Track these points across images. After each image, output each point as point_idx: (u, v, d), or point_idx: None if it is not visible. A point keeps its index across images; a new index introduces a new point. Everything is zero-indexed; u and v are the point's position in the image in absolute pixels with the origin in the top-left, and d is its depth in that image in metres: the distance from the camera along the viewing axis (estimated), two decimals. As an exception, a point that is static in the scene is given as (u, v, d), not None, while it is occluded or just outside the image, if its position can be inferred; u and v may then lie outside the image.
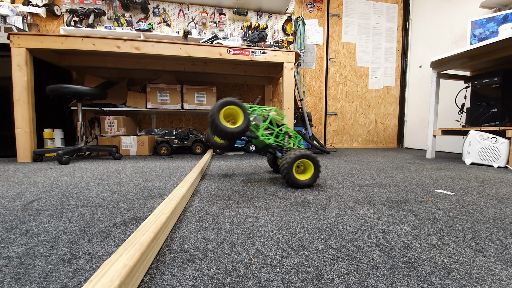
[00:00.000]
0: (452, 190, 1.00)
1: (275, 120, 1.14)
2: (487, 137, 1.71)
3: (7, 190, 0.96)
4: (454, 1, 2.75)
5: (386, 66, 3.50)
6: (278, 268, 0.43)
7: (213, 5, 2.88)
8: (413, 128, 3.40)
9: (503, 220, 0.67)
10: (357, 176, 1.29)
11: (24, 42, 1.75)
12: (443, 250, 0.50)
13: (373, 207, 0.78)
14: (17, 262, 0.44)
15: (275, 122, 1.14)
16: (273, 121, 1.13)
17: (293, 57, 2.13)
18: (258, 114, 1.11)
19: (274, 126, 1.13)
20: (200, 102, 2.51)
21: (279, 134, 1.15)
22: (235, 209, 0.75)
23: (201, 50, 1.99)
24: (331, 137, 3.43)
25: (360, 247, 0.51)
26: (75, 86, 1.74)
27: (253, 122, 1.09)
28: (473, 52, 1.80)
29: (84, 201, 0.82)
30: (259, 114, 1.11)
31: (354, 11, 3.34)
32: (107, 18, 2.69)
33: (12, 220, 0.64)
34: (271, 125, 1.13)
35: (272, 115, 1.13)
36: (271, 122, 1.13)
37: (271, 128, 1.13)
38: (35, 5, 2.45)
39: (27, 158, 1.78)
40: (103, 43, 1.84)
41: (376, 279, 0.40)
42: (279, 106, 3.21)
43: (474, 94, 2.01)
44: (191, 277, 0.41)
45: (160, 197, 0.88)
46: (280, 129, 1.15)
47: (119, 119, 2.34)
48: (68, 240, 0.53)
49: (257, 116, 1.09)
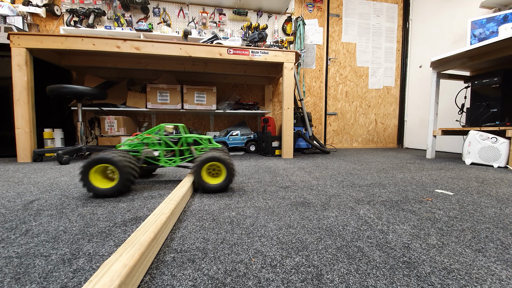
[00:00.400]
0: (452, 190, 1.00)
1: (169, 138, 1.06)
2: (487, 137, 1.71)
3: (7, 190, 0.96)
4: (454, 1, 2.75)
5: (386, 66, 3.50)
6: (278, 268, 0.43)
7: (213, 5, 2.88)
8: (413, 128, 3.40)
9: (503, 220, 0.67)
10: (357, 176, 1.29)
11: (24, 42, 1.75)
12: (443, 250, 0.50)
13: (373, 207, 0.78)
14: (17, 262, 0.44)
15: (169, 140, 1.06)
16: (166, 141, 1.05)
17: (293, 57, 2.13)
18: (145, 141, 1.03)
19: (172, 144, 1.05)
20: (200, 102, 2.51)
21: (184, 150, 1.07)
22: (235, 209, 0.75)
23: (201, 50, 1.99)
24: (331, 137, 3.43)
25: (360, 247, 0.51)
26: (75, 86, 1.74)
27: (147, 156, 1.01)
28: (473, 52, 1.80)
29: (84, 201, 0.82)
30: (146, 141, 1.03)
31: (354, 11, 3.34)
32: (107, 18, 2.69)
33: (12, 220, 0.64)
34: (169, 145, 1.05)
35: (163, 134, 1.05)
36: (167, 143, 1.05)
37: (170, 149, 1.06)
38: (35, 5, 2.45)
39: (27, 158, 1.78)
40: (103, 43, 1.84)
41: (376, 279, 0.40)
42: (279, 106, 3.21)
43: (474, 94, 2.01)
44: (191, 277, 0.41)
45: (160, 197, 0.88)
46: (180, 144, 1.07)
47: (119, 119, 2.33)
48: (68, 240, 0.53)
49: (146, 149, 1.02)
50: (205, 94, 2.52)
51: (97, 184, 0.85)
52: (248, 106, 2.74)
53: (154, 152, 1.03)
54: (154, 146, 1.04)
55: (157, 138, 1.05)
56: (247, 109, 2.71)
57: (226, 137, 2.47)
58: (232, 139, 2.48)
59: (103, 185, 0.86)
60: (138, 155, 1.02)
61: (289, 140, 2.13)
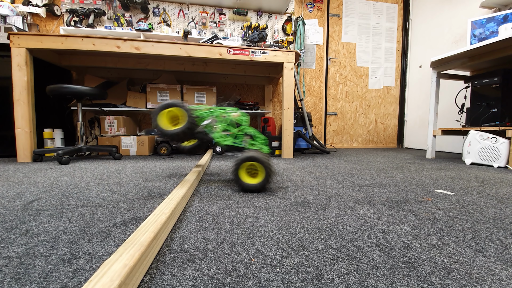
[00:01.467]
0: (452, 190, 1.00)
1: (235, 121, 1.12)
2: (487, 137, 1.71)
3: (7, 190, 0.96)
4: (454, 1, 2.75)
5: (386, 66, 3.50)
6: (278, 268, 0.43)
7: (213, 5, 2.88)
8: (413, 128, 3.40)
9: (503, 220, 0.67)
10: (357, 176, 1.29)
11: (24, 42, 1.75)
12: (443, 250, 0.50)
13: (373, 207, 0.78)
14: (17, 262, 0.44)
15: (235, 123, 1.12)
16: (231, 122, 1.11)
17: (293, 57, 2.13)
18: (216, 115, 1.09)
19: (233, 127, 1.11)
20: (200, 102, 2.51)
21: (239, 135, 1.12)
22: (235, 209, 0.75)
23: (201, 50, 1.99)
24: (331, 137, 3.43)
25: (360, 247, 0.51)
26: (75, 86, 1.74)
27: (208, 123, 1.07)
28: (473, 52, 1.80)
29: (84, 201, 0.82)
30: (217, 115, 1.09)
31: (354, 11, 3.34)
32: (107, 18, 2.69)
33: (12, 220, 0.64)
34: (231, 126, 1.11)
35: (232, 116, 1.11)
36: (230, 123, 1.11)
37: (229, 129, 1.11)
38: (35, 5, 2.45)
39: (27, 158, 1.78)
40: (103, 43, 1.84)
41: (376, 279, 0.40)
42: (279, 106, 3.21)
43: (474, 94, 2.01)
44: (191, 277, 0.41)
45: (160, 197, 0.88)
46: (239, 130, 1.12)
47: (119, 119, 2.33)
48: (68, 240, 0.53)
49: (213, 118, 1.08)
50: (205, 94, 2.52)
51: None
52: (248, 106, 2.74)
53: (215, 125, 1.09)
54: (219, 121, 1.10)
55: (224, 116, 1.11)
56: (247, 109, 2.71)
57: (226, 137, 2.47)
58: (232, 139, 2.48)
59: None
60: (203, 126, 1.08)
61: (289, 140, 2.13)
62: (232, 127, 1.12)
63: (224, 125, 1.09)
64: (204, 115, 1.10)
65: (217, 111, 1.11)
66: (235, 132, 1.11)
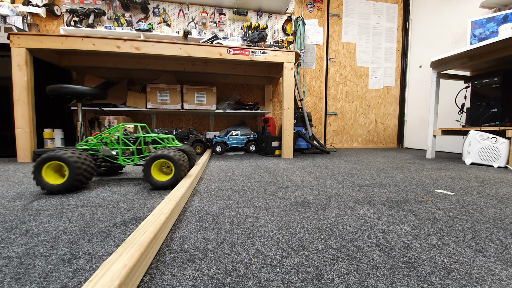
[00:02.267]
0: (452, 190, 1.00)
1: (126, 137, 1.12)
2: (487, 137, 1.71)
3: (7, 190, 0.96)
4: (454, 1, 2.75)
5: (386, 66, 3.50)
6: (278, 268, 0.43)
7: (213, 5, 2.88)
8: (413, 128, 3.40)
9: (503, 220, 0.67)
10: (357, 176, 1.29)
11: (24, 42, 1.75)
12: (443, 250, 0.50)
13: (373, 207, 0.78)
14: (17, 262, 0.44)
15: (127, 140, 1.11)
16: (124, 140, 1.10)
17: (293, 57, 2.13)
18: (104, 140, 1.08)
19: (129, 143, 1.11)
20: (200, 102, 2.51)
21: (142, 148, 1.12)
22: (235, 209, 0.75)
23: (201, 50, 1.99)
24: (331, 137, 3.43)
25: (360, 247, 0.51)
26: (75, 86, 1.74)
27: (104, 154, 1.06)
28: (473, 52, 1.80)
29: (84, 201, 0.82)
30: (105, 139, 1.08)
31: (354, 11, 3.34)
32: (107, 18, 2.69)
33: (12, 220, 0.64)
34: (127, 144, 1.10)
35: (121, 134, 1.10)
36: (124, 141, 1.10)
37: (127, 148, 1.10)
38: (35, 5, 2.45)
39: (27, 158, 1.78)
40: (103, 43, 1.84)
41: (376, 279, 0.40)
42: (279, 106, 3.21)
43: (474, 94, 2.01)
44: (191, 277, 0.40)
45: (160, 197, 0.88)
46: (138, 142, 1.12)
47: (119, 119, 2.33)
48: (68, 240, 0.53)
49: (104, 148, 1.07)
50: (205, 94, 2.52)
51: (49, 180, 0.90)
52: (248, 106, 2.74)
53: (112, 151, 1.08)
54: (113, 145, 1.08)
55: (116, 138, 1.09)
56: (247, 109, 2.71)
57: (226, 137, 2.47)
58: (232, 139, 2.48)
59: (54, 181, 0.90)
60: (97, 153, 1.06)
61: (289, 140, 2.13)
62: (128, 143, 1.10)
63: (120, 147, 1.09)
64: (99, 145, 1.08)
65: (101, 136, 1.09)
66: (134, 147, 1.10)
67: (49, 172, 0.91)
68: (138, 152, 1.13)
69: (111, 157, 1.08)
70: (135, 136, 1.15)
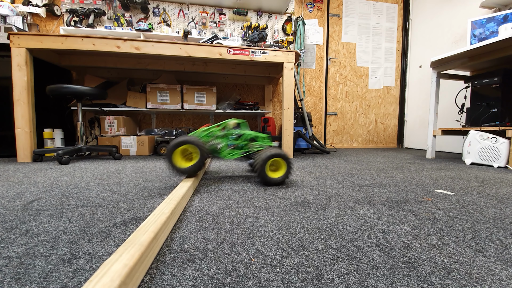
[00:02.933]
0: (452, 190, 1.00)
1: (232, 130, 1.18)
2: (487, 137, 1.71)
3: (7, 190, 0.96)
4: (454, 1, 2.75)
5: (386, 66, 3.50)
6: (278, 268, 0.43)
7: (213, 5, 2.88)
8: (413, 128, 3.40)
9: (503, 220, 0.67)
10: (357, 176, 1.29)
11: (24, 42, 1.75)
12: (443, 250, 0.50)
13: (373, 207, 0.78)
14: (17, 262, 0.44)
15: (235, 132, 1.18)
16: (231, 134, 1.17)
17: (293, 57, 2.13)
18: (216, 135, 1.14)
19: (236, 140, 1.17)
20: (200, 102, 2.51)
21: (243, 144, 1.18)
22: (235, 209, 0.75)
23: (201, 50, 1.99)
24: (331, 137, 3.43)
25: (360, 247, 0.51)
26: (75, 86, 1.74)
27: (214, 146, 1.12)
28: (473, 52, 1.80)
29: (84, 201, 0.82)
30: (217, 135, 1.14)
31: (354, 11, 3.34)
32: (107, 18, 2.69)
33: (12, 220, 0.64)
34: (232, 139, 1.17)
35: (229, 125, 1.17)
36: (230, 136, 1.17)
37: (233, 142, 1.17)
38: (35, 5, 2.45)
39: (27, 158, 1.78)
40: (103, 43, 1.84)
41: (376, 279, 0.40)
42: (279, 106, 3.21)
43: (474, 94, 2.01)
44: (191, 277, 0.41)
45: (160, 197, 0.88)
46: (241, 139, 1.18)
47: (119, 119, 2.33)
48: (68, 240, 0.53)
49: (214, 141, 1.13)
50: (205, 94, 2.52)
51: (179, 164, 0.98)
52: (248, 106, 2.74)
53: (218, 145, 1.13)
54: (220, 138, 1.15)
55: (223, 132, 1.16)
56: (247, 109, 2.71)
57: (226, 137, 2.47)
58: (232, 139, 2.48)
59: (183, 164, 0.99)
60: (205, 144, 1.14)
61: (289, 140, 2.13)
62: (234, 139, 1.17)
63: (226, 141, 1.15)
64: (207, 138, 1.14)
65: (215, 130, 1.16)
66: (238, 143, 1.17)
67: (178, 157, 0.99)
68: (240, 147, 1.19)
69: (215, 150, 1.14)
70: (239, 132, 1.20)
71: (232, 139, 1.16)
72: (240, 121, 1.21)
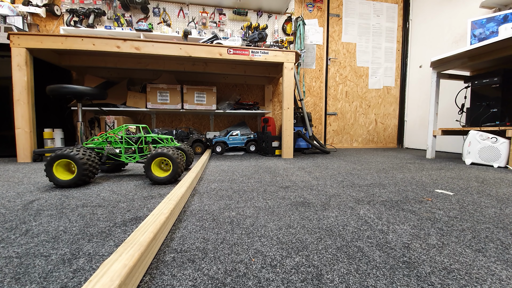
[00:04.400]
0: (452, 190, 1.00)
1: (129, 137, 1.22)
2: (487, 137, 1.71)
3: (7, 190, 0.96)
4: (454, 1, 2.75)
5: (386, 66, 3.50)
6: (278, 268, 0.43)
7: (213, 5, 2.88)
8: (413, 128, 3.40)
9: (503, 220, 0.67)
10: (357, 176, 1.29)
11: (24, 42, 1.75)
12: (443, 250, 0.50)
13: (373, 207, 0.78)
14: (17, 262, 0.44)
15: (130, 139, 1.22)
16: (127, 139, 1.20)
17: (293, 57, 2.13)
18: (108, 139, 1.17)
19: (131, 143, 1.20)
20: (200, 102, 2.51)
21: (143, 147, 1.22)
22: (235, 209, 0.75)
23: (201, 50, 1.99)
24: (331, 137, 3.43)
25: (360, 247, 0.51)
26: (75, 86, 1.74)
27: (109, 152, 1.15)
28: (473, 52, 1.80)
29: (84, 201, 0.82)
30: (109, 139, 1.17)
31: (354, 11, 3.34)
32: (107, 18, 2.69)
33: (12, 220, 0.64)
34: (129, 143, 1.20)
35: (124, 133, 1.20)
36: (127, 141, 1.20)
37: (130, 146, 1.20)
38: (35, 5, 2.45)
39: (27, 158, 1.78)
40: (103, 43, 1.84)
41: (376, 279, 0.40)
42: (279, 106, 3.21)
43: (474, 94, 2.01)
44: (191, 277, 0.40)
45: (160, 197, 0.88)
46: (139, 142, 1.21)
47: (119, 119, 2.33)
48: (68, 240, 0.53)
49: (108, 146, 1.16)
50: (205, 94, 2.52)
51: (59, 176, 0.99)
52: (248, 106, 2.74)
53: (116, 150, 1.17)
54: (117, 144, 1.18)
55: (119, 137, 1.19)
56: (247, 109, 2.71)
57: (226, 137, 2.47)
58: (232, 139, 2.48)
59: (64, 177, 1.00)
60: (102, 151, 1.15)
61: (289, 140, 2.13)
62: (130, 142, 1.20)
63: (123, 146, 1.18)
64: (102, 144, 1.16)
65: (109, 136, 1.18)
66: (136, 147, 1.20)
67: (59, 169, 1.00)
68: (140, 151, 1.22)
69: (115, 155, 1.17)
70: (137, 136, 1.24)
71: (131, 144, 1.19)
72: (140, 125, 1.24)
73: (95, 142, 1.16)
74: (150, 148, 1.21)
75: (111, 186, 1.03)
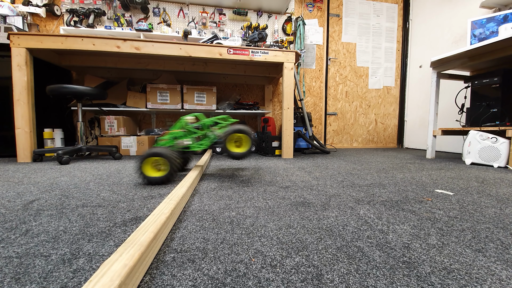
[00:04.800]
0: (452, 190, 1.00)
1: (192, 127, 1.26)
2: (487, 137, 1.71)
3: (7, 190, 0.96)
4: (454, 1, 2.75)
5: (386, 66, 3.50)
6: (278, 268, 0.43)
7: (213, 5, 2.88)
8: (413, 128, 3.40)
9: (503, 220, 0.67)
10: (357, 176, 1.29)
11: (24, 42, 1.75)
12: (443, 250, 0.50)
13: (373, 207, 0.78)
14: (17, 262, 0.44)
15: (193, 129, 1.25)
16: (191, 129, 1.25)
17: (293, 57, 2.13)
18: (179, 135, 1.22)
19: (196, 131, 1.25)
20: (200, 102, 2.51)
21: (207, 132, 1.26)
22: (235, 209, 0.75)
23: (201, 50, 1.99)
24: (331, 137, 3.43)
25: (360, 247, 0.51)
26: (75, 86, 1.74)
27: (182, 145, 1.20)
28: (473, 52, 1.80)
29: (84, 201, 0.82)
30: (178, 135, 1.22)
31: (354, 11, 3.34)
32: (107, 18, 2.69)
33: (12, 220, 0.64)
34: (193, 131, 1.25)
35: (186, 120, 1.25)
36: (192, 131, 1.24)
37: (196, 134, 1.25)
38: (35, 5, 2.45)
39: (27, 158, 1.78)
40: (103, 43, 1.84)
41: (376, 279, 0.40)
42: (279, 106, 3.21)
43: (474, 94, 2.01)
44: (191, 277, 0.41)
45: (160, 197, 0.88)
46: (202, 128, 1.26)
47: (119, 119, 2.33)
48: (68, 240, 0.53)
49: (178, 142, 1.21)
50: (205, 94, 2.52)
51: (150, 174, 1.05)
52: (248, 106, 2.73)
53: (185, 142, 1.21)
54: (183, 137, 1.22)
55: (183, 130, 1.23)
56: (247, 109, 2.71)
57: (226, 137, 2.47)
58: (232, 139, 2.48)
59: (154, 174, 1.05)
60: (174, 148, 1.20)
61: (289, 140, 2.13)
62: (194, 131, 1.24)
63: (190, 136, 1.22)
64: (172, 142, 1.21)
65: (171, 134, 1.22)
66: (201, 133, 1.24)
67: (147, 167, 1.05)
68: (204, 137, 1.26)
69: (185, 148, 1.21)
70: (198, 124, 1.27)
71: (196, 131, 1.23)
72: (196, 114, 1.27)
73: (166, 142, 1.19)
74: (213, 131, 1.24)
75: (111, 186, 1.03)
